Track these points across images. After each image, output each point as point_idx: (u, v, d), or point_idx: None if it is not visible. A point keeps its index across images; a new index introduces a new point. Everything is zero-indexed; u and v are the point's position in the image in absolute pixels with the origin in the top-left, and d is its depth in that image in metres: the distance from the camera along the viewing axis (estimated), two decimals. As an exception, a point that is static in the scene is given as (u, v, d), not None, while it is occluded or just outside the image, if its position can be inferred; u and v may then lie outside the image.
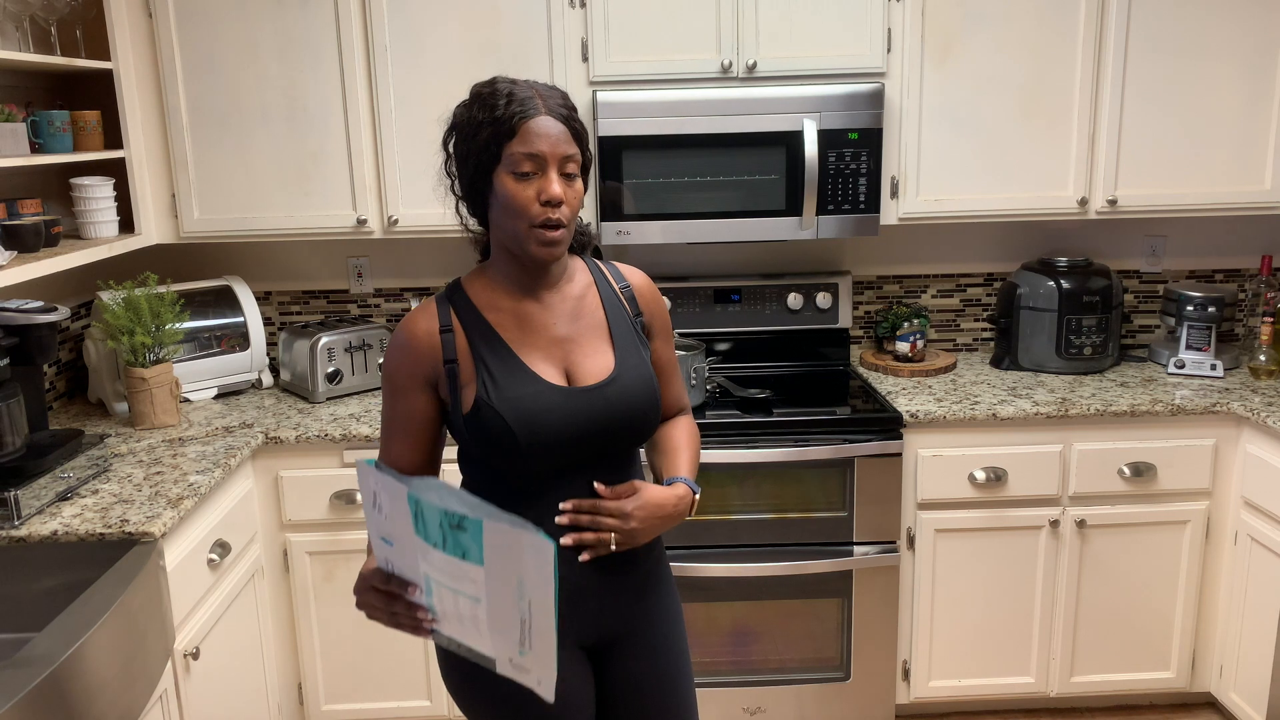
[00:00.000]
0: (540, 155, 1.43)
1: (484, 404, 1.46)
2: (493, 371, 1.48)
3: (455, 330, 1.50)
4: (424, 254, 3.15)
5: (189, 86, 2.69)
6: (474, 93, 1.49)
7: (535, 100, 1.44)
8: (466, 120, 1.47)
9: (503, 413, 1.46)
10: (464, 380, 1.49)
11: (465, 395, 1.49)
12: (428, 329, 1.50)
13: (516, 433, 1.45)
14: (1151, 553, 2.70)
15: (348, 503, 2.57)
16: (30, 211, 2.42)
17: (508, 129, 1.42)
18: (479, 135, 1.44)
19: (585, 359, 1.54)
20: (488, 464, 1.52)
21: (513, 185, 1.43)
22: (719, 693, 2.71)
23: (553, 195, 1.43)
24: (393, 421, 1.53)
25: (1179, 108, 2.75)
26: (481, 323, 1.51)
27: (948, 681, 2.77)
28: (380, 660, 2.69)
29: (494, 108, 1.43)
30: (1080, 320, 2.88)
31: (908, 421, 2.60)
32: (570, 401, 1.49)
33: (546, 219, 1.43)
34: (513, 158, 1.43)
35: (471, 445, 1.50)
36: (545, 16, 2.66)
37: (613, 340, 1.57)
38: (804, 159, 2.67)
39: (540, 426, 1.46)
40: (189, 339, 2.78)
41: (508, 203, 1.44)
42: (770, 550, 2.64)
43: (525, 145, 1.42)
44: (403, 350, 1.50)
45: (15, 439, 2.04)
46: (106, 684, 1.68)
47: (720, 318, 3.09)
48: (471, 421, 1.47)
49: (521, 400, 1.47)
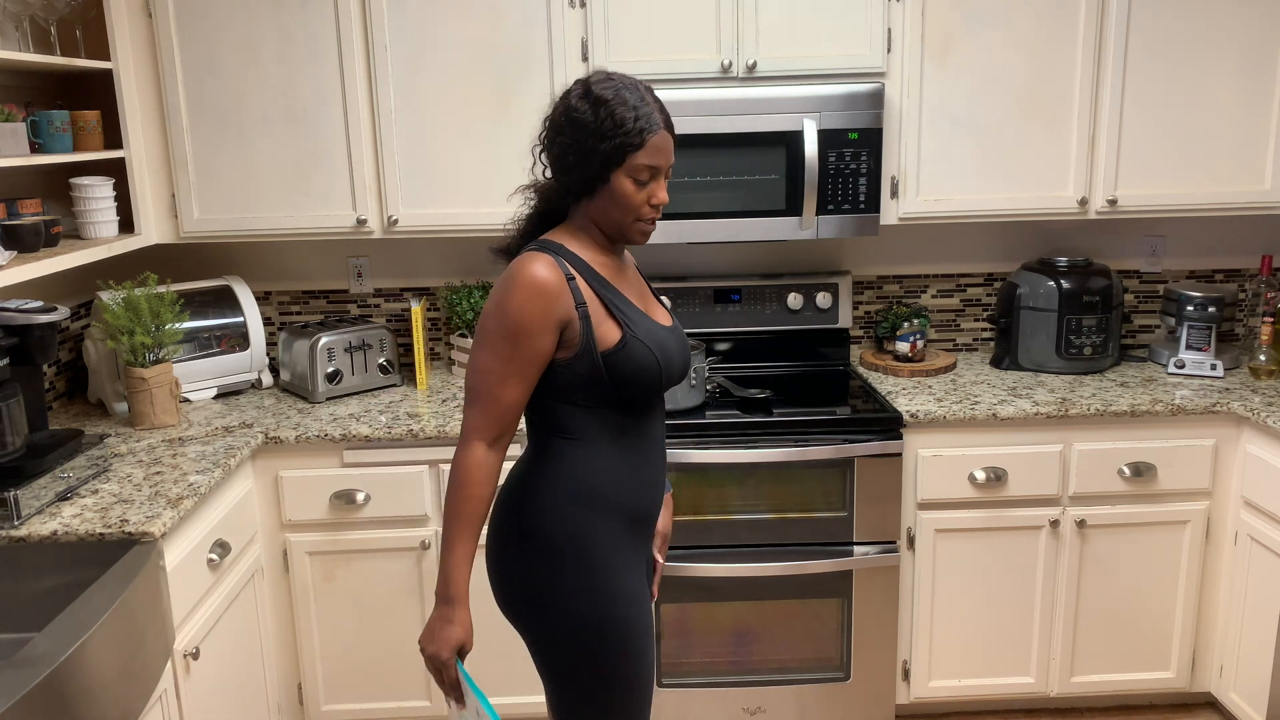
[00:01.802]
0: (658, 167, 1.64)
1: (631, 338, 1.65)
2: (626, 312, 1.68)
3: (577, 278, 1.65)
4: (424, 254, 3.15)
5: (189, 86, 2.69)
6: (597, 94, 1.62)
7: (656, 115, 1.63)
8: (594, 121, 1.60)
9: (649, 344, 1.66)
10: (597, 321, 1.64)
11: (602, 334, 1.64)
12: (557, 275, 1.61)
13: (660, 362, 1.67)
14: (1151, 553, 2.70)
15: (347, 503, 2.57)
16: (30, 211, 2.42)
17: (637, 142, 1.60)
18: (607, 141, 1.60)
19: (653, 311, 1.78)
20: (610, 398, 1.67)
21: (630, 188, 1.63)
22: (719, 693, 2.71)
23: (662, 200, 1.67)
24: (511, 364, 1.61)
25: (1179, 107, 2.75)
26: (595, 274, 1.68)
27: (948, 681, 2.77)
28: (380, 660, 2.69)
29: (623, 120, 1.59)
30: (1080, 320, 2.88)
31: (908, 421, 2.60)
32: (675, 339, 1.75)
33: (651, 217, 1.68)
34: (635, 167, 1.62)
35: (609, 379, 1.64)
36: (545, 16, 2.66)
37: (658, 300, 1.84)
38: (804, 159, 2.67)
39: (670, 357, 1.71)
40: (189, 339, 2.78)
41: (623, 201, 1.64)
42: (770, 550, 2.64)
43: (649, 158, 1.62)
44: (537, 294, 1.59)
45: (15, 439, 2.04)
46: (106, 684, 1.68)
47: (720, 318, 3.09)
48: (614, 356, 1.64)
49: (654, 333, 1.69)
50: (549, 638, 1.71)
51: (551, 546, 1.68)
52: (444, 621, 1.64)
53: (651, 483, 1.77)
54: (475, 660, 2.61)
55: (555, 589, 1.68)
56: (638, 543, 1.76)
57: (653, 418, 1.76)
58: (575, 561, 1.68)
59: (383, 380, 2.93)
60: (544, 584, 1.69)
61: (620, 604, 1.70)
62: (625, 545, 1.73)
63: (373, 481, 2.58)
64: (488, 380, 1.62)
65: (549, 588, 1.69)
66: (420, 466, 2.58)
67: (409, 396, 2.86)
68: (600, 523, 1.69)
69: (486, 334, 1.62)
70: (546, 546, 1.68)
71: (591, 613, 1.68)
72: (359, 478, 2.57)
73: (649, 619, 1.77)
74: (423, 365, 2.92)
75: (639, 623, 1.73)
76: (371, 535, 2.61)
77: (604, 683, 1.71)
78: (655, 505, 1.79)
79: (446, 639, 1.64)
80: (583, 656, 1.70)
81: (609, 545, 1.70)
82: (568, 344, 1.64)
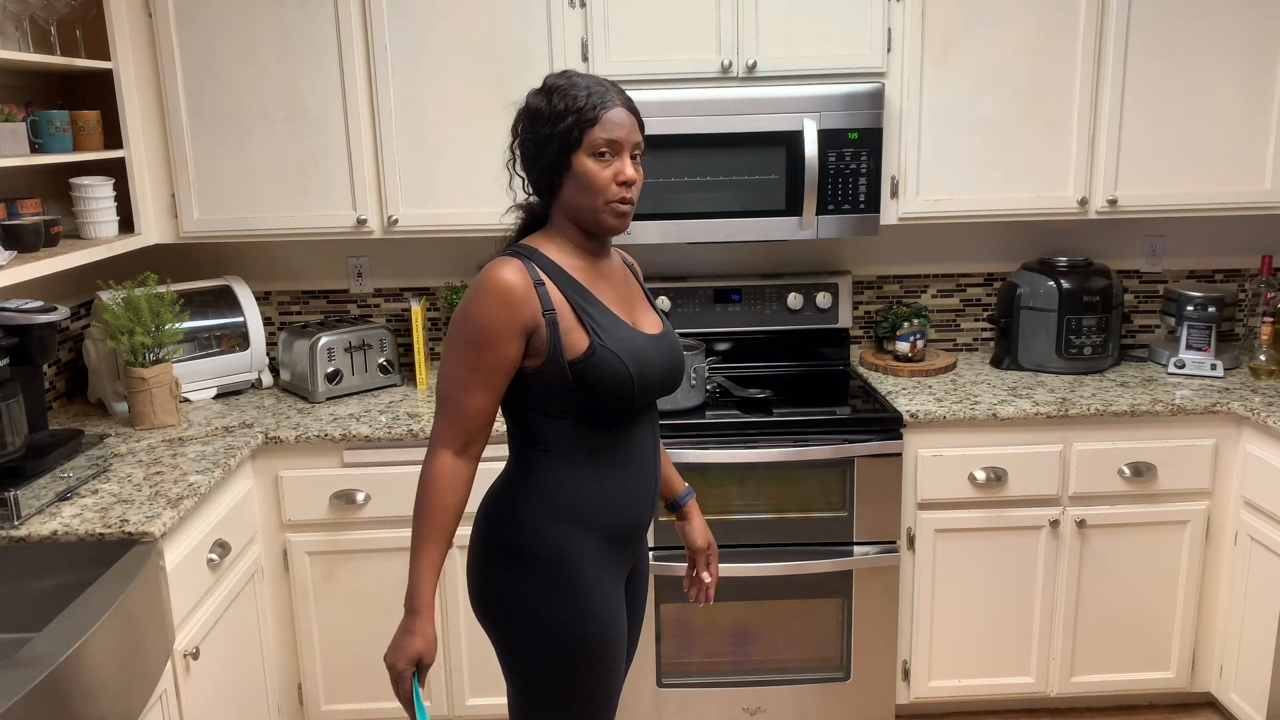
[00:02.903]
0: (617, 141, 1.60)
1: (599, 346, 1.61)
2: (596, 319, 1.63)
3: (546, 284, 1.61)
4: (424, 254, 3.15)
5: (189, 86, 2.69)
6: (550, 84, 1.63)
7: (610, 93, 1.61)
8: (548, 108, 1.60)
9: (618, 353, 1.61)
10: (565, 328, 1.60)
11: (570, 342, 1.60)
12: (524, 281, 1.58)
13: (631, 371, 1.62)
14: (1151, 553, 2.70)
15: (347, 503, 2.57)
16: (30, 211, 2.42)
17: (591, 117, 1.58)
18: (562, 122, 1.58)
19: (641, 316, 1.74)
20: (581, 409, 1.63)
21: (593, 166, 1.59)
22: (719, 693, 2.71)
23: (629, 176, 1.61)
24: (475, 373, 1.59)
25: (1179, 107, 2.75)
26: (569, 278, 1.64)
27: (948, 681, 2.77)
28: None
29: (575, 98, 1.59)
30: (1080, 320, 2.88)
31: (908, 421, 2.60)
32: (657, 346, 1.69)
33: (621, 196, 1.62)
34: (594, 142, 1.59)
35: (577, 389, 1.61)
36: (545, 16, 2.66)
37: (650, 303, 1.80)
38: (804, 159, 2.67)
39: (645, 365, 1.65)
40: (189, 339, 2.78)
41: (588, 182, 1.60)
42: (770, 550, 2.64)
43: (606, 132, 1.59)
44: (501, 300, 1.56)
45: (15, 439, 2.04)
46: (106, 684, 1.68)
47: (720, 318, 3.09)
48: (582, 364, 1.60)
49: (628, 341, 1.64)
50: (518, 648, 1.68)
51: (526, 559, 1.65)
52: (405, 632, 1.60)
53: (637, 498, 1.71)
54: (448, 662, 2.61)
55: (527, 601, 1.66)
56: (620, 558, 1.72)
57: (636, 430, 1.71)
58: (549, 575, 1.65)
59: (383, 380, 2.93)
60: (517, 596, 1.66)
61: (592, 622, 1.66)
62: (602, 561, 1.68)
63: (373, 481, 2.58)
64: (454, 387, 1.60)
65: (521, 600, 1.66)
66: (420, 466, 2.58)
67: (409, 396, 2.86)
68: (575, 538, 1.65)
69: (453, 341, 1.60)
70: (521, 558, 1.66)
71: (562, 628, 1.65)
72: (359, 478, 2.57)
73: (622, 636, 1.73)
74: (423, 365, 2.92)
75: (611, 639, 1.69)
76: (371, 535, 2.61)
77: (570, 696, 1.69)
78: (642, 521, 1.74)
79: (404, 650, 1.59)
80: (550, 669, 1.67)
81: (584, 560, 1.66)
82: (536, 351, 1.60)
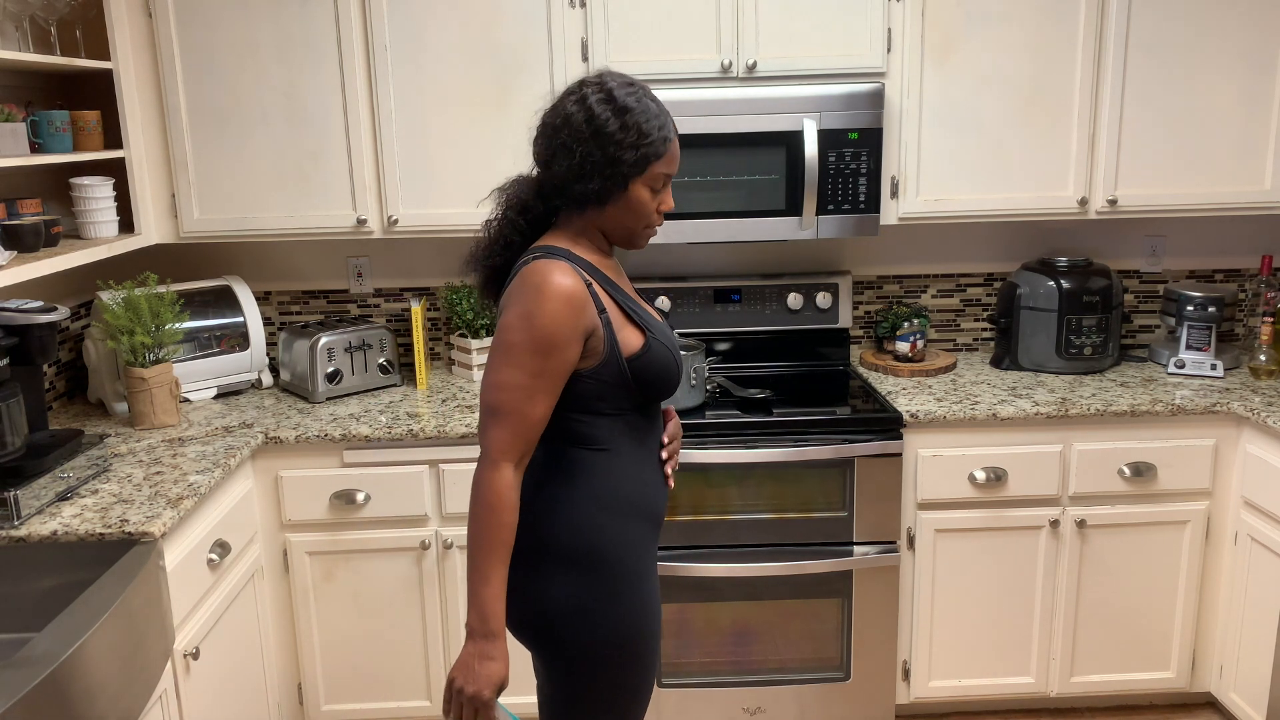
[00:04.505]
0: (671, 175, 1.67)
1: (653, 341, 1.65)
2: (641, 315, 1.68)
3: (594, 285, 1.62)
4: (424, 254, 3.15)
5: (189, 86, 2.69)
6: (622, 103, 1.58)
7: (670, 122, 1.64)
8: (619, 130, 1.58)
9: (668, 346, 1.68)
10: (616, 326, 1.63)
11: (624, 339, 1.63)
12: (580, 284, 1.58)
13: (677, 363, 1.69)
14: (1151, 553, 2.70)
15: (347, 503, 2.57)
16: (30, 211, 2.42)
17: (661, 151, 1.61)
18: (632, 150, 1.58)
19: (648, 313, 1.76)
20: (633, 404, 1.66)
21: (646, 196, 1.64)
22: (719, 693, 2.71)
23: (670, 207, 1.69)
24: (540, 379, 1.55)
25: (1179, 107, 2.75)
26: (606, 278, 1.67)
27: (948, 681, 2.77)
28: (380, 660, 2.69)
29: (647, 130, 1.59)
30: (1080, 320, 2.88)
31: (908, 421, 2.60)
32: (675, 340, 1.76)
33: (659, 223, 1.70)
34: (654, 176, 1.62)
35: (635, 385, 1.63)
36: (545, 16, 2.66)
37: (647, 302, 1.83)
38: (804, 159, 2.67)
39: (680, 355, 1.72)
40: (189, 339, 2.78)
41: (638, 209, 1.64)
42: (770, 550, 2.64)
43: (667, 167, 1.64)
44: (567, 304, 1.55)
45: (15, 439, 2.04)
46: (106, 684, 1.68)
47: (720, 318, 3.09)
48: (639, 360, 1.63)
49: (666, 332, 1.71)
50: (572, 654, 1.65)
51: (581, 561, 1.62)
52: (484, 658, 1.54)
53: (662, 480, 1.76)
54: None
55: (585, 604, 1.62)
56: (655, 545, 1.75)
57: (657, 416, 1.76)
58: (608, 574, 1.63)
59: (383, 380, 2.93)
60: (569, 600, 1.62)
61: (649, 618, 1.68)
62: (650, 551, 1.71)
63: (373, 481, 2.58)
64: (516, 396, 1.54)
65: (576, 603, 1.62)
66: (420, 466, 2.58)
67: (409, 396, 2.86)
68: (630, 530, 1.66)
69: (511, 348, 1.54)
70: (575, 561, 1.62)
71: (623, 626, 1.64)
72: (359, 478, 2.57)
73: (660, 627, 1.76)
74: (423, 365, 2.92)
75: (658, 632, 1.72)
76: (371, 535, 2.61)
77: (617, 691, 1.69)
78: (666, 502, 1.79)
79: (489, 677, 1.54)
80: (603, 668, 1.65)
81: (638, 553, 1.67)
82: (591, 352, 1.59)
